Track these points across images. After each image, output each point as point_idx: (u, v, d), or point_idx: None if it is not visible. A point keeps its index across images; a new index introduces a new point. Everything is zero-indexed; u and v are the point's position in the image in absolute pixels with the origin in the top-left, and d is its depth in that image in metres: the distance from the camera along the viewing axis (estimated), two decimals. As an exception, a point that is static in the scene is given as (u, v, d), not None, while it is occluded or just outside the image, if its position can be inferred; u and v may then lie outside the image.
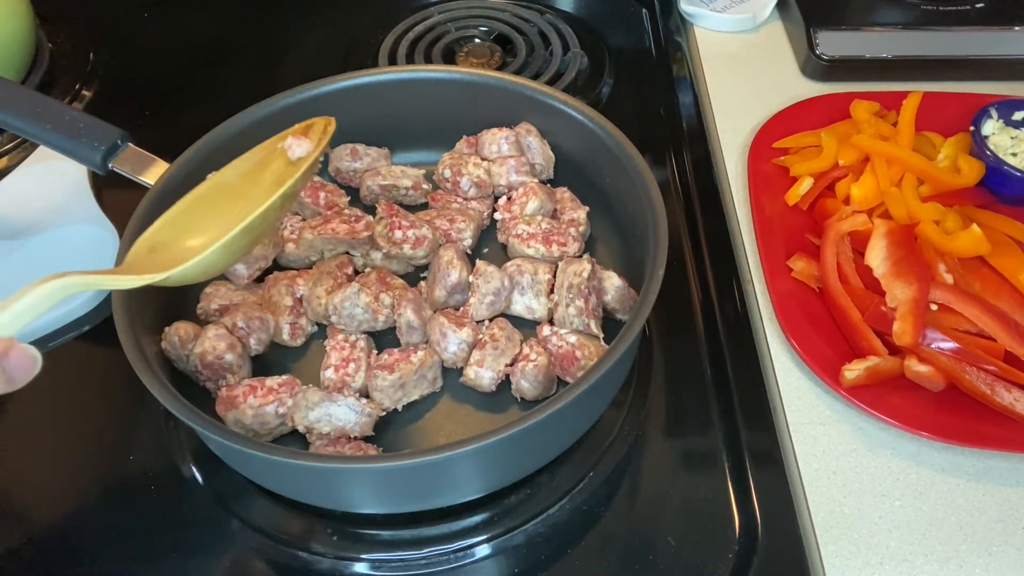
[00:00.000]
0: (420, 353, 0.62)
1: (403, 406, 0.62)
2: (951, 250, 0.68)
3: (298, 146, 0.59)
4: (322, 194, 0.73)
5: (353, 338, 0.64)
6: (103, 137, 0.65)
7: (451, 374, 0.65)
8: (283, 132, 0.60)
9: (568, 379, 0.63)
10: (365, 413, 0.59)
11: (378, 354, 0.64)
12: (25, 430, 0.66)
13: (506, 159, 0.74)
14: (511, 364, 0.62)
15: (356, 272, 0.70)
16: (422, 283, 0.69)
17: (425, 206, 0.76)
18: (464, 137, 0.77)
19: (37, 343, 0.59)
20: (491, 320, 0.66)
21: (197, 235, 0.55)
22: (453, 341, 0.63)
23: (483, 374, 0.62)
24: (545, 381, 0.61)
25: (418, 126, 0.78)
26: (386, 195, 0.75)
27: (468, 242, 0.71)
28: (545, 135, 0.75)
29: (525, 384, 0.61)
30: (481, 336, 0.64)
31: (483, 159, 0.75)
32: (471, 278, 0.66)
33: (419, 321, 0.64)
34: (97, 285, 0.48)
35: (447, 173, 0.74)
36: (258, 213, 0.52)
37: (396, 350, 0.63)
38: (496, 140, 0.75)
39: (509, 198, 0.73)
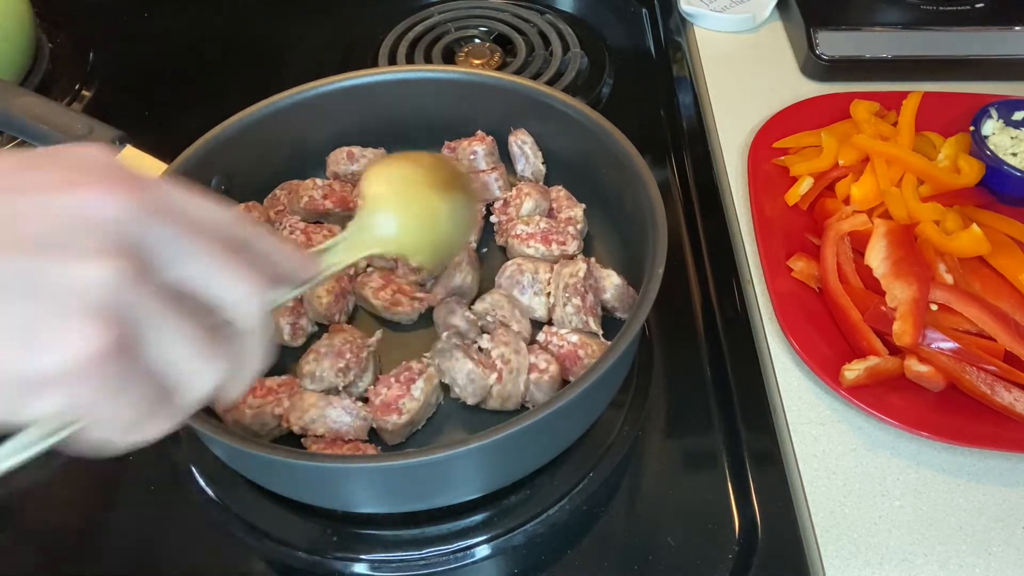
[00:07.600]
0: (420, 382, 0.59)
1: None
2: (951, 250, 0.68)
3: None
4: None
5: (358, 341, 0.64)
6: (101, 138, 0.65)
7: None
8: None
9: (572, 379, 0.62)
10: (360, 417, 0.59)
11: (374, 386, 0.60)
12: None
13: (488, 173, 0.73)
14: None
15: (356, 273, 0.70)
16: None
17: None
18: (446, 143, 0.76)
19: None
20: (493, 339, 0.62)
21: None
22: (470, 391, 0.60)
23: (508, 404, 0.60)
24: (557, 389, 0.61)
25: (417, 126, 0.77)
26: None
27: (473, 246, 0.72)
28: (544, 135, 0.75)
29: (539, 395, 0.60)
30: (498, 368, 0.60)
31: None
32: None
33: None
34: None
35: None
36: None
37: (392, 379, 0.60)
38: (470, 149, 0.74)
39: (504, 200, 0.73)
